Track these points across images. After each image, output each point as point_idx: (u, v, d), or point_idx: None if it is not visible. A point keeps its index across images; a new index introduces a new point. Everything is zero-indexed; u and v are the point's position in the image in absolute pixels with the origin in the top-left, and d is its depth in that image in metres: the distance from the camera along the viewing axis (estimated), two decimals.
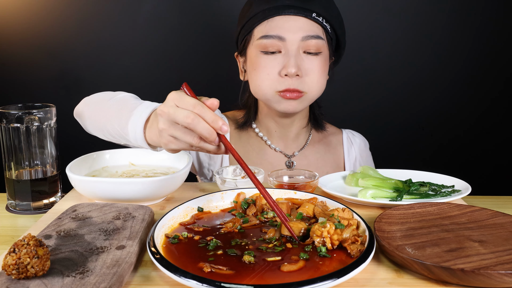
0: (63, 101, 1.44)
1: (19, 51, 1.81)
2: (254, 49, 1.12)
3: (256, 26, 1.12)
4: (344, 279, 0.60)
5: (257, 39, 1.11)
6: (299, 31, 1.08)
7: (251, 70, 1.14)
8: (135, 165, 1.08)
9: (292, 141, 1.27)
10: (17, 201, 0.98)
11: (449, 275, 0.63)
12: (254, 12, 1.11)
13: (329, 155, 1.30)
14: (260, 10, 1.10)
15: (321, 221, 0.72)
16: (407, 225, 0.80)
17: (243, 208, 0.85)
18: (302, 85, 1.10)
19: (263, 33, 1.10)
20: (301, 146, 1.28)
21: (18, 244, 0.60)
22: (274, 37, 1.08)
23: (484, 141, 1.91)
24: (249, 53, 1.15)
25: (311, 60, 1.10)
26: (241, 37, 1.17)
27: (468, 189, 0.97)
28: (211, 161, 1.25)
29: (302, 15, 1.08)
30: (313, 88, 1.12)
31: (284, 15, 1.08)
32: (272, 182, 1.00)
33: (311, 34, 1.09)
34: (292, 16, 1.08)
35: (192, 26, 1.80)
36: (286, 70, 1.08)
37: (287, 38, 1.08)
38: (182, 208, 0.82)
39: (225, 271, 0.63)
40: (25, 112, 0.95)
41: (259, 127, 1.28)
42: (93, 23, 1.80)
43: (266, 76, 1.10)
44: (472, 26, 1.82)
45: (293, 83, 1.09)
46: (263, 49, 1.10)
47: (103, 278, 0.60)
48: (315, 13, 1.09)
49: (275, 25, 1.09)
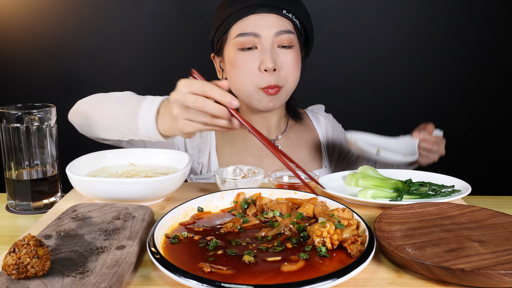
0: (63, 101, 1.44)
1: (19, 51, 1.81)
2: (231, 48, 1.18)
3: (231, 26, 1.17)
4: (344, 279, 0.60)
5: (233, 38, 1.17)
6: (272, 27, 1.15)
7: (231, 68, 1.19)
8: (135, 165, 1.08)
9: (274, 128, 1.34)
10: (17, 201, 0.98)
11: (449, 275, 0.63)
12: (228, 13, 1.17)
13: (306, 133, 1.39)
14: (234, 10, 1.16)
15: (321, 221, 0.72)
16: (407, 225, 0.80)
17: (243, 208, 0.85)
18: (280, 80, 1.16)
19: (239, 31, 1.15)
20: (283, 130, 1.35)
21: (18, 244, 0.60)
22: (249, 34, 1.14)
23: (484, 141, 1.91)
24: (226, 52, 1.20)
25: (285, 53, 1.17)
26: (217, 38, 1.23)
27: (468, 189, 0.97)
28: (200, 152, 1.29)
29: (274, 12, 1.15)
30: (289, 80, 1.19)
31: (257, 13, 1.15)
32: (272, 182, 1.00)
33: (283, 29, 1.16)
34: (264, 14, 1.15)
35: (192, 26, 1.80)
36: (264, 65, 1.14)
37: (261, 35, 1.14)
38: (182, 208, 0.82)
39: (225, 271, 0.63)
40: (25, 112, 0.95)
41: None
42: (93, 23, 1.80)
43: (247, 72, 1.16)
44: (472, 27, 1.82)
45: (272, 79, 1.15)
46: (240, 46, 1.15)
47: (103, 278, 0.60)
48: (285, 10, 1.16)
49: (249, 23, 1.15)
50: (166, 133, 0.94)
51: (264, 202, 0.86)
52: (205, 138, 1.29)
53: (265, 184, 1.05)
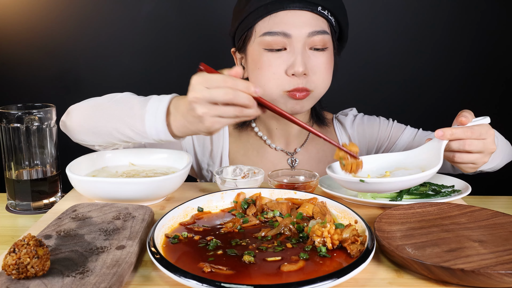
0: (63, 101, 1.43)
1: (19, 51, 1.81)
2: (256, 46, 1.07)
3: (257, 22, 1.06)
4: (344, 279, 0.60)
5: (259, 35, 1.06)
6: (304, 26, 1.03)
7: (254, 69, 1.09)
8: (135, 165, 1.08)
9: (294, 137, 1.24)
10: (17, 201, 0.98)
11: (449, 275, 0.63)
12: (254, 6, 1.05)
13: (328, 145, 1.26)
14: (261, 4, 1.04)
15: (318, 222, 0.73)
16: (407, 225, 0.80)
17: (243, 208, 0.85)
18: (309, 84, 1.07)
19: (267, 29, 1.04)
20: (303, 141, 1.25)
21: (18, 244, 0.60)
22: (279, 34, 1.03)
23: None
24: (250, 50, 1.10)
25: (318, 56, 1.06)
26: (240, 33, 1.12)
27: (468, 189, 0.97)
28: (210, 161, 1.24)
29: (308, 9, 1.03)
30: (320, 86, 1.09)
31: (288, 9, 1.03)
32: (272, 182, 1.00)
33: (317, 29, 1.04)
34: (297, 10, 1.03)
35: (192, 26, 1.80)
36: (293, 69, 1.03)
37: (292, 35, 1.03)
38: (182, 208, 0.82)
39: (225, 271, 0.63)
40: (25, 112, 0.95)
41: (258, 126, 1.26)
42: (93, 23, 1.80)
43: (272, 75, 1.06)
44: (472, 27, 1.82)
45: (301, 82, 1.05)
46: (267, 47, 1.05)
47: (103, 278, 0.60)
48: (320, 7, 1.04)
49: (279, 20, 1.03)
50: (180, 134, 0.88)
51: (264, 202, 0.86)
52: (218, 147, 1.22)
53: (265, 184, 1.05)
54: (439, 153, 0.88)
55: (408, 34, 1.84)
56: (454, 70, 1.86)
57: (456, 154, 0.91)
